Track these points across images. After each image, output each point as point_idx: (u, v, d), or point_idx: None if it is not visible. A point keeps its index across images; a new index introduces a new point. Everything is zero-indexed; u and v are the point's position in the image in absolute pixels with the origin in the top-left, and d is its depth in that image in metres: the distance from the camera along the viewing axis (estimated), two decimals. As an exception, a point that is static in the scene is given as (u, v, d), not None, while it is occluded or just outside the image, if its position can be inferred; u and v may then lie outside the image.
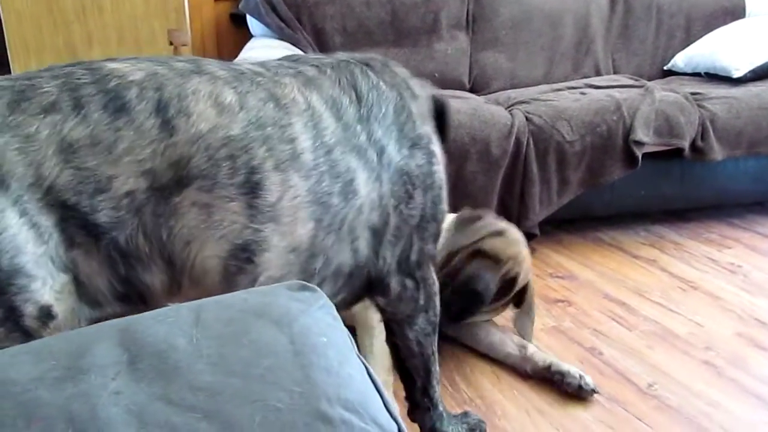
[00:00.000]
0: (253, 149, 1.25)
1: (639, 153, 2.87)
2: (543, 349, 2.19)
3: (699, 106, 3.03)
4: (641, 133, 2.87)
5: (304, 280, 1.35)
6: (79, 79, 1.17)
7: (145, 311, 1.21)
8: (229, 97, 1.26)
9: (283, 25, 3.25)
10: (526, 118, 2.87)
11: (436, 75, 3.39)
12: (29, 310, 1.11)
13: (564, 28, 3.60)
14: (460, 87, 3.42)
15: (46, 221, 1.12)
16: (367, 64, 1.52)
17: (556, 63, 3.57)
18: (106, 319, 1.20)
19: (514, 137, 2.81)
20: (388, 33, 3.43)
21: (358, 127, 1.41)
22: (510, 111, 2.93)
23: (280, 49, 3.00)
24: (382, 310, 1.61)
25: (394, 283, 1.54)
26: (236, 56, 2.87)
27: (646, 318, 2.43)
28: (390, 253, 1.51)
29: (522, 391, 2.03)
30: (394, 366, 1.69)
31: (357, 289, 1.51)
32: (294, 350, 0.84)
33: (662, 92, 3.07)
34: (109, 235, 1.17)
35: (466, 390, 2.02)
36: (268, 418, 0.77)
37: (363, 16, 3.40)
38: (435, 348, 1.66)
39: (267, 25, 3.26)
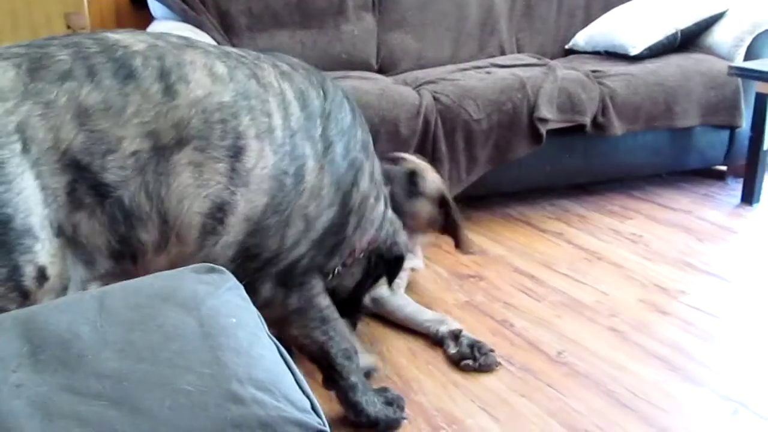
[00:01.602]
0: (240, 116, 1.38)
1: (543, 130, 2.95)
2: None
3: (599, 83, 3.12)
4: (545, 110, 2.95)
5: (236, 253, 1.43)
6: (88, 48, 1.27)
7: (133, 271, 1.33)
8: (221, 68, 1.39)
9: (186, 7, 3.17)
10: (434, 98, 2.90)
11: (344, 56, 3.39)
12: (29, 270, 1.17)
13: (469, 9, 3.64)
14: (368, 68, 3.42)
15: (56, 184, 1.19)
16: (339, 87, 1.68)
17: (462, 43, 3.61)
18: (97, 280, 1.31)
19: (422, 117, 2.83)
20: (295, 14, 3.39)
21: (318, 120, 1.54)
22: (418, 91, 2.95)
23: (185, 32, 2.92)
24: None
25: (266, 289, 1.58)
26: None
27: (554, 289, 2.50)
28: (304, 249, 1.56)
29: (437, 366, 2.07)
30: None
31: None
32: (203, 332, 0.84)
33: (564, 70, 3.16)
34: (115, 194, 1.26)
35: (382, 368, 2.04)
36: (179, 401, 0.76)
37: (269, -3, 3.35)
38: (332, 332, 1.70)
39: (169, 7, 3.17)
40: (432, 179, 2.33)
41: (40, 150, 1.18)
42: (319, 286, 1.67)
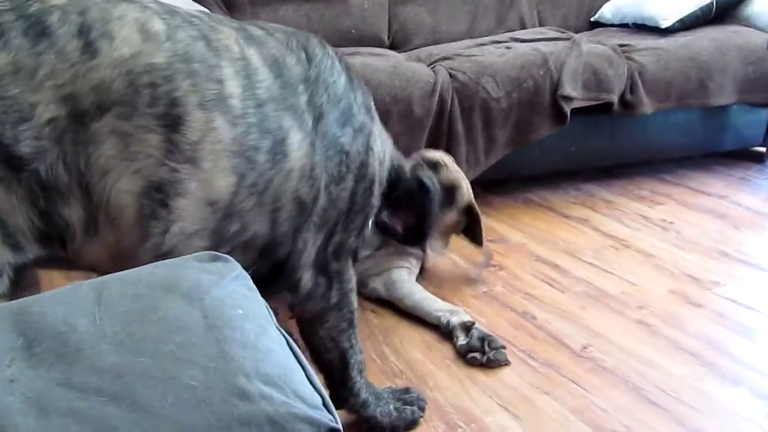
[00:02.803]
0: (176, 80, 1.28)
1: (567, 108, 2.94)
2: (474, 316, 2.23)
3: (627, 58, 3.11)
4: (569, 88, 2.93)
5: (216, 243, 1.37)
6: None
7: (65, 257, 1.28)
8: (157, 26, 1.29)
9: (184, -21, 3.17)
10: (450, 75, 2.89)
11: (354, 31, 3.38)
12: None
13: (487, -21, 3.63)
14: (379, 44, 3.41)
15: None
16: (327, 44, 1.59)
17: (480, 16, 3.60)
18: (29, 266, 1.26)
19: (437, 95, 2.82)
20: (300, -13, 3.39)
21: (301, 87, 1.45)
22: (432, 68, 2.94)
23: (185, 6, 2.92)
24: (290, 307, 1.61)
25: (307, 278, 1.54)
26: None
27: (578, 279, 2.50)
28: (312, 238, 1.51)
29: (454, 360, 2.07)
30: (310, 359, 1.70)
31: (264, 273, 1.48)
32: (207, 324, 0.84)
33: (589, 44, 3.14)
34: (30, 167, 1.19)
35: (396, 362, 2.05)
36: (182, 396, 0.76)
37: (272, -32, 3.34)
38: (354, 340, 1.69)
39: (167, -21, 3.17)
40: (466, 190, 2.35)
41: None
42: (353, 280, 1.65)
